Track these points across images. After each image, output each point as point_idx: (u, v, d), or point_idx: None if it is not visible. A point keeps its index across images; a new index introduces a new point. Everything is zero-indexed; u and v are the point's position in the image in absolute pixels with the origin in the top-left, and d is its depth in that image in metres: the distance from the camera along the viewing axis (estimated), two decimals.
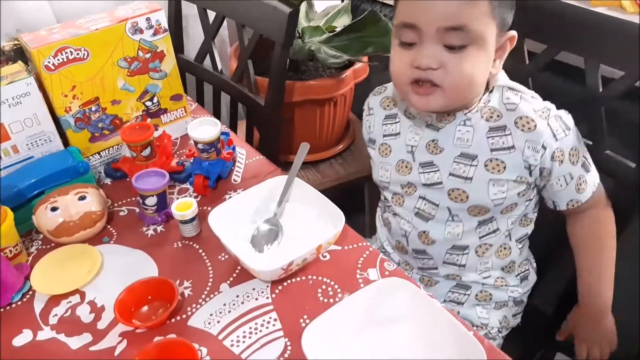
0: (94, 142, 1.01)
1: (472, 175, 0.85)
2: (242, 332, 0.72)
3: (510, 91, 0.85)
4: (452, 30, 0.74)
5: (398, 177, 0.92)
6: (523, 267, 0.99)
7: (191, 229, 0.86)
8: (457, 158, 0.86)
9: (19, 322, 0.74)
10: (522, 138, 0.82)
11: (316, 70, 1.53)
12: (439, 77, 0.77)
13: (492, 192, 0.85)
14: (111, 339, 0.72)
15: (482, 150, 0.84)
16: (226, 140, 1.03)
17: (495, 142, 0.83)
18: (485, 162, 0.84)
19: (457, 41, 0.75)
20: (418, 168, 0.89)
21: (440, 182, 0.87)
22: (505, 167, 0.83)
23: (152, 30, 0.98)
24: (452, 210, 0.88)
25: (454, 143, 0.86)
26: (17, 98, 0.87)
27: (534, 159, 0.82)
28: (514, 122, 0.82)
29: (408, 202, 0.92)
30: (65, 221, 0.83)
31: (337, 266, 0.81)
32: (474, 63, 0.77)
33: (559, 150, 0.82)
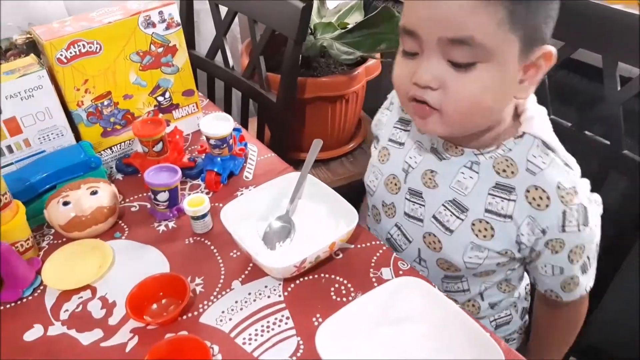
0: (105, 136, 1.00)
1: (454, 228, 0.76)
2: (254, 330, 0.71)
3: (541, 148, 0.71)
4: (457, 44, 0.62)
5: (383, 192, 0.85)
6: (500, 314, 0.90)
7: (203, 225, 0.86)
8: (447, 203, 0.77)
9: (30, 317, 0.74)
10: (525, 211, 0.71)
11: (328, 67, 1.52)
12: (436, 99, 0.66)
13: (468, 255, 0.76)
14: (122, 335, 0.71)
15: (476, 205, 0.74)
16: (238, 137, 1.02)
17: (494, 204, 0.73)
18: (474, 221, 0.74)
19: (461, 57, 0.62)
20: (406, 193, 0.82)
21: (421, 220, 0.80)
22: (493, 235, 0.74)
23: (165, 24, 0.97)
24: (421, 252, 0.83)
25: (451, 185, 0.76)
26: (29, 91, 0.87)
27: (527, 239, 0.73)
28: (526, 189, 0.71)
29: (384, 222, 0.87)
30: (76, 216, 0.83)
31: (350, 265, 0.80)
32: (482, 85, 0.64)
33: (558, 240, 0.72)
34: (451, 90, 0.64)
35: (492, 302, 0.87)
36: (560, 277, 0.77)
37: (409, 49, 0.67)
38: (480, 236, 0.75)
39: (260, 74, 1.29)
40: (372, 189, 0.89)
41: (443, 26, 0.62)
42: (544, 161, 0.71)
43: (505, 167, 0.72)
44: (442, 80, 0.64)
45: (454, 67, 0.63)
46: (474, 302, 0.87)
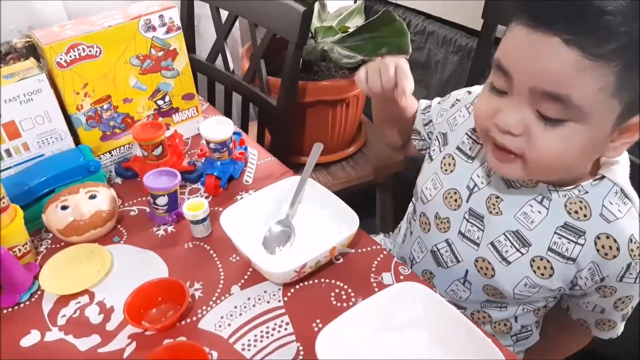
0: (105, 140, 1.00)
1: (512, 260, 0.73)
2: (254, 336, 0.70)
3: (619, 196, 0.68)
4: (550, 98, 0.57)
5: (440, 205, 0.81)
6: (523, 330, 0.88)
7: (202, 229, 0.85)
8: (509, 233, 0.73)
9: (27, 323, 0.73)
10: (590, 257, 0.69)
11: (328, 71, 1.51)
12: (518, 145, 0.62)
13: (520, 288, 0.74)
14: (120, 340, 0.70)
15: (539, 241, 0.71)
16: (238, 140, 1.01)
17: (559, 244, 0.70)
18: (535, 257, 0.72)
19: (552, 112, 0.58)
20: (465, 212, 0.77)
21: (477, 244, 0.77)
22: (552, 275, 0.71)
23: (165, 28, 0.97)
24: (468, 274, 0.79)
25: (516, 215, 0.73)
26: (29, 95, 0.86)
27: (584, 282, 0.71)
28: (597, 235, 0.67)
29: (433, 234, 0.83)
30: (75, 220, 0.82)
31: (351, 270, 0.79)
32: (570, 144, 0.59)
33: (612, 288, 0.71)
34: (536, 142, 0.60)
35: (524, 323, 0.86)
36: (600, 315, 0.76)
37: (499, 86, 0.63)
38: (538, 273, 0.72)
39: (260, 78, 1.29)
40: (426, 197, 0.83)
41: (541, 77, 0.57)
42: (620, 210, 0.67)
43: (577, 209, 0.69)
44: (527, 128, 0.60)
45: (542, 119, 0.59)
46: (506, 322, 0.85)
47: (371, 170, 1.57)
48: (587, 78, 0.54)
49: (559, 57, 0.55)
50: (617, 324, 0.78)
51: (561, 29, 0.54)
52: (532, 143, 0.61)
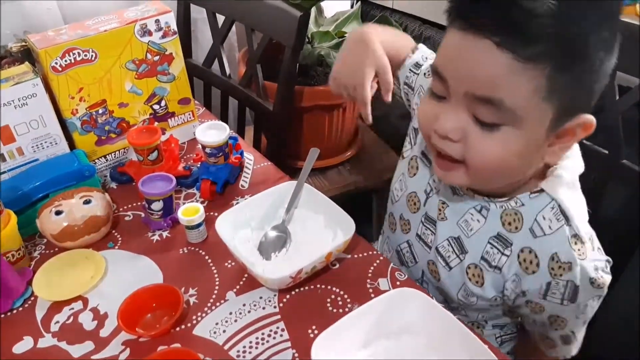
0: (100, 145, 0.99)
1: (453, 265, 0.76)
2: (249, 342, 0.70)
3: (555, 212, 0.66)
4: (483, 102, 0.57)
5: (404, 207, 0.84)
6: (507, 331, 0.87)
7: (197, 234, 0.85)
8: (452, 239, 0.75)
9: (20, 329, 0.72)
10: (513, 269, 0.70)
11: (325, 76, 1.51)
12: (457, 151, 0.62)
13: (461, 294, 0.76)
14: (114, 347, 0.70)
15: (474, 249, 0.73)
16: (234, 145, 1.01)
17: (490, 252, 0.71)
18: (469, 264, 0.74)
19: (486, 117, 0.58)
20: (422, 216, 0.80)
21: (429, 247, 0.79)
22: (483, 283, 0.73)
23: (161, 33, 0.97)
24: (424, 275, 0.82)
25: (459, 223, 0.74)
26: (23, 99, 0.86)
27: (510, 293, 0.72)
28: (521, 248, 0.68)
29: (397, 235, 0.86)
30: (69, 225, 0.82)
31: (347, 275, 0.79)
32: (506, 147, 0.59)
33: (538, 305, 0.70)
34: (473, 147, 0.61)
35: (496, 323, 0.85)
36: (540, 329, 0.77)
37: (437, 91, 0.63)
38: (473, 281, 0.74)
39: (257, 83, 1.29)
40: (395, 197, 0.86)
41: (472, 81, 0.57)
42: (551, 226, 0.66)
43: (511, 220, 0.69)
44: (464, 133, 0.60)
45: (479, 123, 0.59)
46: (477, 324, 0.85)
47: (367, 175, 1.57)
48: (518, 81, 0.54)
49: (490, 60, 0.54)
50: (558, 344, 0.76)
51: (491, 32, 0.54)
52: (470, 148, 0.61)
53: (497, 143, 0.59)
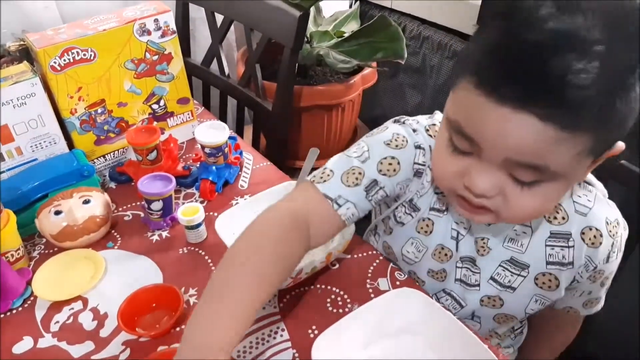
0: (99, 144, 0.99)
1: (516, 285, 0.72)
2: (249, 343, 0.70)
3: (582, 185, 0.69)
4: (525, 167, 0.54)
5: (431, 262, 0.76)
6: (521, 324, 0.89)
7: (197, 234, 0.84)
8: (505, 263, 0.72)
9: (20, 329, 0.72)
10: (583, 253, 0.69)
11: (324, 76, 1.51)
12: (495, 204, 0.59)
13: (531, 306, 0.74)
14: (114, 347, 0.69)
15: (536, 260, 0.70)
16: (233, 145, 1.01)
17: (554, 254, 0.69)
18: (537, 275, 0.71)
19: (528, 177, 0.55)
20: (457, 261, 0.75)
21: (477, 285, 0.74)
22: (558, 285, 0.71)
23: (160, 32, 0.97)
24: (475, 312, 0.78)
25: (505, 245, 0.71)
26: (22, 99, 0.85)
27: (581, 277, 0.71)
28: (581, 231, 0.68)
29: (429, 287, 0.79)
30: (68, 225, 0.82)
31: (347, 275, 0.79)
32: (546, 199, 0.58)
33: (600, 271, 0.71)
34: (512, 203, 0.57)
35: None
36: (587, 297, 0.77)
37: (463, 148, 0.58)
38: (546, 287, 0.72)
39: (256, 82, 1.29)
40: (411, 259, 0.78)
41: (515, 150, 0.52)
42: (589, 199, 0.68)
43: (555, 214, 0.69)
44: (501, 189, 0.57)
45: (517, 181, 0.56)
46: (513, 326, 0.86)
47: None
48: (565, 148, 0.51)
49: (533, 133, 0.50)
50: (601, 298, 0.79)
51: (533, 105, 0.49)
52: (508, 204, 0.58)
53: (537, 198, 0.57)
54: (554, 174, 0.54)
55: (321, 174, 0.71)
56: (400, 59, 1.32)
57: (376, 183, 0.69)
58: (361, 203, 0.69)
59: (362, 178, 0.69)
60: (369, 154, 0.70)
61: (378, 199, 0.70)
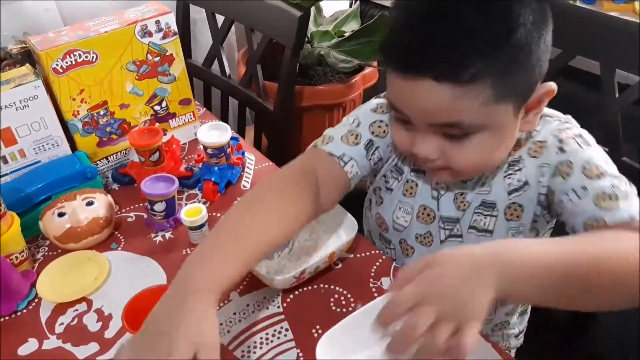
0: (101, 146, 0.99)
1: (492, 227, 0.75)
2: (253, 342, 0.70)
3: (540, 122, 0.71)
4: (447, 126, 0.61)
5: (418, 226, 0.80)
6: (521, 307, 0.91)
7: (200, 235, 0.85)
8: (478, 208, 0.75)
9: (25, 331, 0.73)
10: (532, 166, 0.70)
11: (325, 75, 1.52)
12: (442, 163, 0.66)
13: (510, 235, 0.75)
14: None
15: (499, 195, 0.73)
16: (235, 146, 1.01)
17: (511, 182, 0.72)
18: (504, 210, 0.73)
19: (456, 132, 0.62)
20: (439, 221, 0.78)
21: (460, 236, 0.78)
22: (523, 209, 0.72)
23: (162, 34, 0.97)
24: None
25: (476, 191, 0.75)
26: (25, 101, 0.86)
27: (541, 185, 0.70)
28: (528, 149, 0.71)
29: (418, 254, 0.82)
30: (72, 227, 0.82)
31: (350, 275, 0.79)
32: (481, 150, 0.64)
33: (563, 163, 0.67)
34: (454, 160, 0.65)
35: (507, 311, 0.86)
36: (590, 194, 0.64)
37: (402, 117, 0.66)
38: (514, 218, 0.73)
39: (257, 83, 1.29)
40: (402, 225, 0.82)
41: (430, 115, 0.61)
42: (539, 124, 0.70)
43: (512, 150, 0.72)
44: (442, 151, 0.64)
45: (450, 139, 0.63)
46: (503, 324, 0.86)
47: None
48: (467, 101, 0.58)
49: (435, 94, 0.58)
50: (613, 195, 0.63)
51: (427, 70, 0.57)
52: (450, 159, 0.65)
53: (473, 150, 0.63)
54: (475, 126, 0.61)
55: (322, 139, 0.78)
56: None
57: (372, 143, 0.77)
58: (363, 161, 0.76)
59: (360, 138, 0.77)
60: (360, 120, 0.78)
61: (375, 160, 0.78)
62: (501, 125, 0.63)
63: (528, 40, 0.57)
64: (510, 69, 0.58)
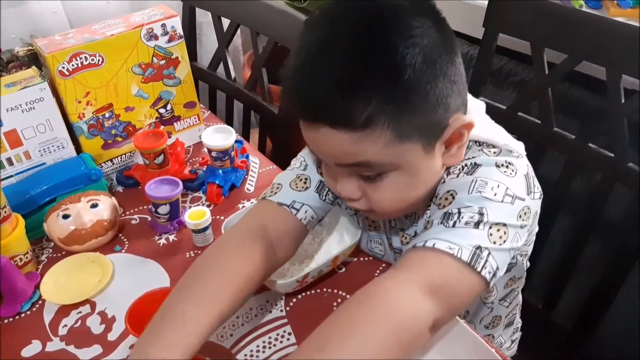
0: (106, 149, 1.00)
1: None
2: (256, 346, 0.70)
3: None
4: (356, 166, 0.60)
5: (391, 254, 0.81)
6: (510, 315, 0.88)
7: (204, 238, 0.85)
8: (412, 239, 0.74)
9: (28, 333, 0.73)
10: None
11: None
12: (362, 206, 0.65)
13: None
14: (122, 351, 0.70)
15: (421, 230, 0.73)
16: (240, 149, 1.01)
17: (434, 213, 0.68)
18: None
19: (368, 172, 0.60)
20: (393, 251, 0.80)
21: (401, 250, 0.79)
22: None
23: (168, 37, 0.97)
24: None
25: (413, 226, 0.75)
26: (31, 103, 0.86)
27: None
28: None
29: None
30: (76, 229, 0.82)
31: (353, 279, 0.79)
32: (399, 188, 0.62)
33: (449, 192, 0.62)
34: (373, 199, 0.63)
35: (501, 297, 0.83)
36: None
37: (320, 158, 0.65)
38: None
39: (262, 86, 1.29)
40: (379, 254, 0.83)
41: (337, 157, 0.60)
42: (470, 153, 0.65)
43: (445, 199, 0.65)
44: (362, 191, 0.63)
45: (366, 179, 0.62)
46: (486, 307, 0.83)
47: None
48: (368, 143, 0.56)
49: (334, 139, 0.57)
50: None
51: (322, 118, 0.56)
52: (370, 200, 0.63)
53: (388, 189, 0.61)
54: (384, 165, 0.59)
55: (270, 190, 0.75)
56: None
57: (323, 185, 0.74)
58: (317, 204, 0.74)
59: (309, 182, 0.74)
60: (307, 162, 0.76)
61: (331, 200, 0.75)
62: (412, 163, 0.60)
63: (420, 81, 0.54)
64: (406, 109, 0.55)
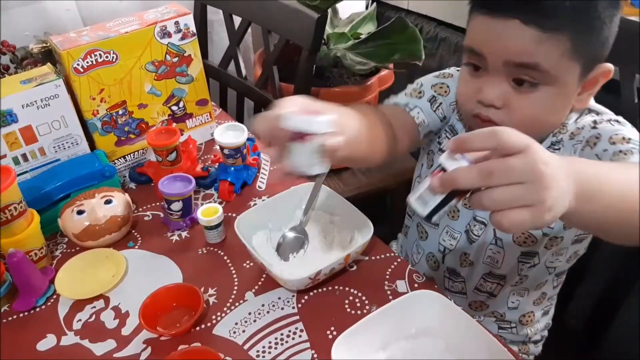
0: (119, 145, 1.00)
1: None
2: (268, 343, 0.70)
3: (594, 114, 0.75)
4: (522, 67, 0.67)
5: None
6: (549, 302, 0.93)
7: (216, 235, 0.85)
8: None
9: (43, 327, 0.74)
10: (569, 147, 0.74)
11: (341, 77, 1.52)
12: (500, 117, 0.70)
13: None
14: (135, 346, 0.70)
15: None
16: (251, 146, 1.02)
17: None
18: None
19: (527, 77, 0.68)
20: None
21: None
22: None
23: (181, 34, 0.98)
24: (497, 232, 0.83)
25: None
26: (46, 100, 0.87)
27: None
28: (570, 133, 0.75)
29: (462, 217, 0.86)
30: (90, 225, 0.83)
31: (365, 277, 0.79)
32: (544, 105, 0.69)
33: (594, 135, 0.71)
34: (514, 110, 0.69)
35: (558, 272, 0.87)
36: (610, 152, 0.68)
37: (475, 61, 0.72)
38: None
39: (273, 84, 1.29)
40: None
41: (510, 52, 0.66)
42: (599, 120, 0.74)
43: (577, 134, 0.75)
44: (506, 99, 0.70)
45: (517, 86, 0.68)
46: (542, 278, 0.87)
47: (383, 176, 1.56)
48: (547, 47, 0.65)
49: (520, 35, 0.65)
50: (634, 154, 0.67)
51: (516, 12, 0.65)
52: (510, 110, 0.70)
53: (536, 102, 0.68)
54: (547, 75, 0.66)
55: (387, 101, 0.88)
56: (417, 61, 1.32)
57: (435, 99, 0.85)
58: (428, 111, 0.85)
59: (423, 94, 0.86)
60: (423, 82, 0.88)
61: (440, 117, 0.86)
62: (567, 85, 0.68)
63: (606, 13, 0.65)
64: (587, 31, 0.65)
